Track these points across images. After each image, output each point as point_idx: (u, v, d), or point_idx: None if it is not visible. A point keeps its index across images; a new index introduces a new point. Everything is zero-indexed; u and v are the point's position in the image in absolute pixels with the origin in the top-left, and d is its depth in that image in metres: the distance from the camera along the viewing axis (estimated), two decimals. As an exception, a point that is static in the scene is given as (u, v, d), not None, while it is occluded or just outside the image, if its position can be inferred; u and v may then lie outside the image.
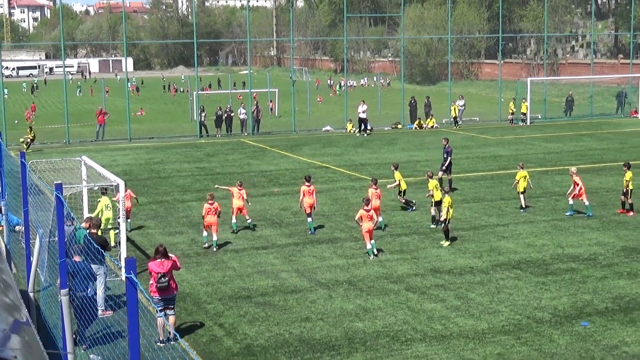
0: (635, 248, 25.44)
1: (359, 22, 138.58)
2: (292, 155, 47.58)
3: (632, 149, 47.58)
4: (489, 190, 35.17)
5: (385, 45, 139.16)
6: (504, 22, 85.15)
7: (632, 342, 17.74)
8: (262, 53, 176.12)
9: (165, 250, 17.98)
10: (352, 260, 24.62)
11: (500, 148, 48.39)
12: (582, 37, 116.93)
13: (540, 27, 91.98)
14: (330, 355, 17.33)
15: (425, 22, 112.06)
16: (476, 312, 19.76)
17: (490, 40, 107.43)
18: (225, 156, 47.25)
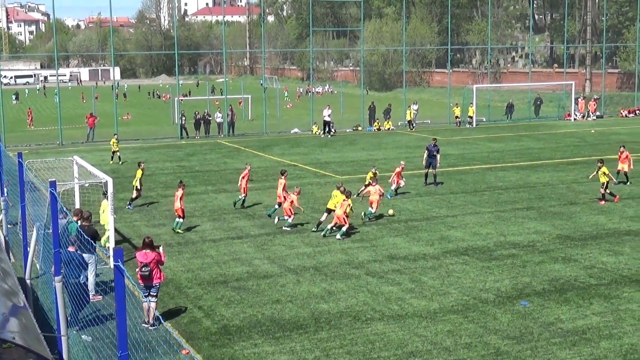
0: (569, 236, 25.63)
1: (324, 35, 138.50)
2: (263, 154, 47.47)
3: (565, 147, 47.98)
4: (439, 185, 35.28)
5: (347, 56, 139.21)
6: (452, 35, 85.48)
7: (566, 319, 17.88)
8: (236, 63, 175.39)
9: (151, 242, 17.76)
10: (318, 248, 24.60)
11: (449, 147, 48.55)
12: (521, 49, 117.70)
13: (485, 40, 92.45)
14: (299, 333, 17.31)
15: (382, 35, 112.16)
16: (428, 294, 19.82)
17: (440, 51, 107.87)
18: (204, 156, 47.04)
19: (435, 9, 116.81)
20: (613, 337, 16.76)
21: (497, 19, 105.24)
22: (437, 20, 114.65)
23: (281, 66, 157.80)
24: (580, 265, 22.17)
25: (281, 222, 27.49)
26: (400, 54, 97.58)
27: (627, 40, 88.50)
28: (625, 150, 34.92)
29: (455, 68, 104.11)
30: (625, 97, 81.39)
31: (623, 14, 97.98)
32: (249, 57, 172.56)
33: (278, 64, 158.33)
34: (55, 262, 14.69)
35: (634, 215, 28.39)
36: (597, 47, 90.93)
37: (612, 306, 18.67)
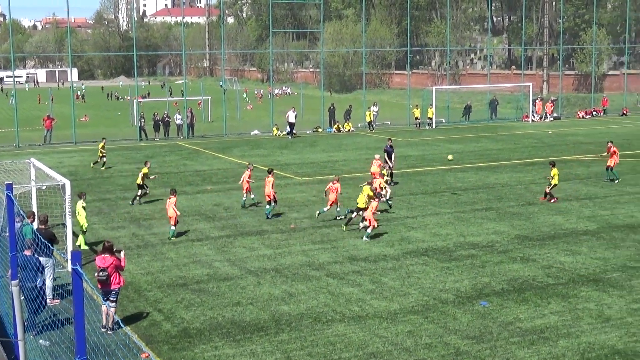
0: (527, 236, 25.90)
1: (284, 37, 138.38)
2: (223, 156, 47.31)
3: (523, 148, 48.47)
4: (399, 187, 35.44)
5: (307, 58, 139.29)
6: (411, 37, 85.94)
7: (524, 318, 18.05)
8: (196, 64, 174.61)
9: (111, 247, 17.54)
10: (279, 250, 24.57)
11: (409, 149, 48.82)
12: (479, 51, 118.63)
13: (444, 42, 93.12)
14: (259, 335, 17.27)
15: (342, 37, 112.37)
16: (389, 295, 19.89)
17: (400, 53, 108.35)
18: (163, 157, 46.74)
19: (395, 11, 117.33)
20: (571, 335, 16.96)
21: (455, 21, 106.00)
22: (397, 22, 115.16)
23: (241, 68, 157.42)
24: (538, 265, 22.40)
25: (341, 211, 28.70)
26: (360, 55, 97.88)
27: (584, 42, 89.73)
28: (612, 145, 35.85)
29: (414, 70, 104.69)
30: (582, 98, 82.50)
31: (580, 16, 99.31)
32: (208, 59, 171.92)
33: (238, 65, 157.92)
34: (11, 266, 14.49)
35: (591, 216, 28.78)
36: (554, 49, 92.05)
37: (570, 305, 18.89)
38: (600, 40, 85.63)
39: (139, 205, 32.03)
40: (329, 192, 28.49)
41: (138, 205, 31.84)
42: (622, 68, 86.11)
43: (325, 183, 36.28)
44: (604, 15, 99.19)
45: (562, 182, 35.17)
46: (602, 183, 35.30)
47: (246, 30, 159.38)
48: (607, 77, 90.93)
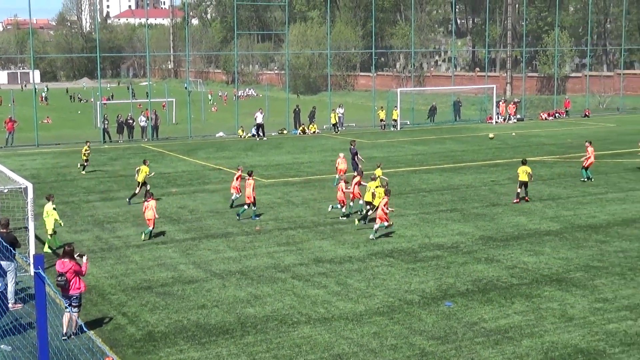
0: (492, 237, 26.10)
1: (248, 39, 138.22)
2: (188, 158, 47.11)
3: (487, 150, 48.81)
4: (363, 188, 35.48)
5: (272, 59, 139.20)
6: (376, 39, 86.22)
7: (489, 318, 18.18)
8: (160, 66, 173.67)
9: (71, 252, 17.34)
10: (244, 252, 24.52)
11: (374, 150, 48.96)
12: (444, 53, 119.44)
13: (408, 44, 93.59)
14: (225, 338, 17.22)
15: (307, 39, 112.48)
16: (354, 297, 19.93)
17: (365, 55, 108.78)
18: (127, 160, 46.42)
19: (360, 13, 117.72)
20: (534, 335, 17.11)
21: (420, 23, 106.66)
22: (362, 24, 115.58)
23: (206, 69, 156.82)
24: (502, 266, 22.58)
25: (335, 211, 29.35)
26: (325, 57, 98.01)
27: (547, 45, 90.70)
28: (590, 145, 36.53)
29: (379, 72, 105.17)
30: (545, 100, 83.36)
31: (542, 18, 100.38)
32: (172, 60, 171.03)
33: (202, 67, 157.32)
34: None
35: (554, 216, 29.06)
36: (518, 51, 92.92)
37: (534, 305, 19.07)
38: (562, 42, 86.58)
39: (129, 205, 32.26)
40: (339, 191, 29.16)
41: (94, 210, 31.58)
42: (584, 70, 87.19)
43: (291, 185, 36.35)
44: (566, 18, 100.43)
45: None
46: (565, 184, 35.66)
47: (211, 32, 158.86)
48: (569, 79, 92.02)
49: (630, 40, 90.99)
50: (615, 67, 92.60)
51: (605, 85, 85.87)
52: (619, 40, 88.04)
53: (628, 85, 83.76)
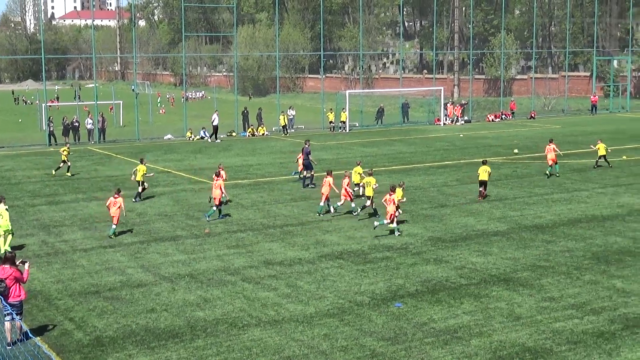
0: (440, 238, 26.30)
1: (196, 41, 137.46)
2: (136, 161, 46.50)
3: (435, 151, 49.21)
4: (314, 190, 35.56)
5: (220, 61, 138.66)
6: (325, 41, 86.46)
7: (438, 319, 18.32)
8: (107, 68, 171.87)
9: (12, 258, 17.05)
10: (193, 255, 24.36)
11: (323, 152, 49.02)
12: (392, 55, 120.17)
13: (356, 46, 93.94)
14: (174, 342, 17.08)
15: (256, 41, 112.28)
16: (305, 299, 19.93)
17: (313, 57, 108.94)
18: (74, 163, 45.67)
19: (308, 15, 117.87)
20: (483, 334, 17.29)
21: (368, 26, 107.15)
22: (310, 27, 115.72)
23: (153, 71, 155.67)
24: (451, 266, 22.78)
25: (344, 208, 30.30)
26: (273, 59, 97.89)
27: (493, 47, 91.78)
28: (552, 143, 38.15)
29: (328, 74, 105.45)
30: (492, 102, 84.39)
31: (489, 21, 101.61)
32: (119, 62, 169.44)
33: (150, 69, 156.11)
34: None
35: (501, 217, 29.40)
36: (465, 53, 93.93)
37: (482, 305, 19.26)
38: (508, 45, 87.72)
39: (141, 202, 33.13)
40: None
41: (39, 214, 31.13)
42: (530, 72, 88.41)
43: (240, 187, 36.23)
44: (512, 21, 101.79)
45: (473, 184, 35.90)
46: (512, 185, 36.09)
47: (158, 33, 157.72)
48: (515, 81, 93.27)
49: (574, 43, 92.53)
50: (560, 70, 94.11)
51: (551, 87, 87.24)
52: (563, 43, 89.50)
53: (572, 88, 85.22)
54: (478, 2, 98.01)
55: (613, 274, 21.72)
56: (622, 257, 23.49)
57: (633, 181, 36.74)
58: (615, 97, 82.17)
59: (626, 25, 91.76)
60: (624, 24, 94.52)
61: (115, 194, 27.38)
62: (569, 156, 44.16)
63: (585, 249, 24.56)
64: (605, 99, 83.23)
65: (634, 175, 38.31)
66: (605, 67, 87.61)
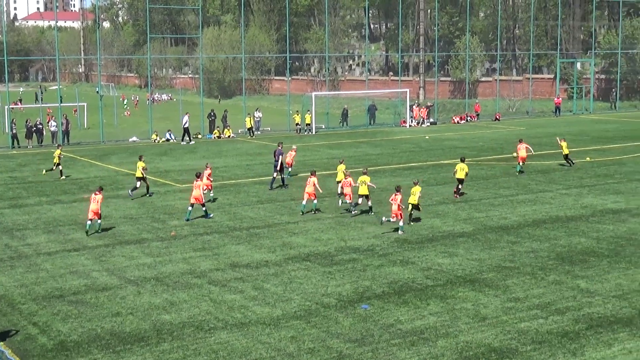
0: (406, 239, 26.40)
1: (162, 42, 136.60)
2: (100, 164, 46.29)
3: (402, 153, 49.40)
4: (280, 192, 35.54)
5: (186, 63, 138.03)
6: (290, 43, 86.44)
7: (405, 320, 18.39)
8: (70, 70, 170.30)
9: None
10: (159, 258, 24.23)
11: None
12: (358, 57, 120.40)
13: (322, 48, 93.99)
14: (140, 346, 16.97)
15: (221, 43, 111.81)
16: (271, 301, 19.90)
17: (279, 59, 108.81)
18: (37, 166, 45.31)
19: (274, 17, 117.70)
20: (449, 335, 17.39)
21: (334, 28, 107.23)
22: (276, 29, 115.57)
23: (118, 73, 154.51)
24: (417, 267, 22.88)
25: (345, 205, 31.37)
26: (239, 61, 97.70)
27: (458, 50, 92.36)
28: (523, 142, 39.89)
29: (294, 76, 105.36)
30: (457, 104, 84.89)
31: (454, 24, 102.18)
32: (83, 64, 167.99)
33: (115, 71, 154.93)
34: None
35: (467, 218, 29.59)
36: (430, 55, 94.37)
37: (448, 306, 19.37)
38: (473, 47, 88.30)
39: (149, 197, 34.64)
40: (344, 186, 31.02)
41: (2, 217, 30.79)
42: (495, 74, 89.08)
43: (219, 189, 36.06)
44: (476, 24, 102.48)
45: (438, 186, 36.15)
46: (477, 186, 36.32)
47: (123, 35, 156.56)
48: (480, 83, 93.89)
49: (538, 46, 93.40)
50: (524, 72, 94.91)
51: (515, 89, 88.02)
52: (527, 45, 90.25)
53: (536, 90, 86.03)
54: (443, 5, 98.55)
55: (577, 274, 21.96)
56: (586, 258, 23.75)
57: (596, 182, 37.17)
58: (579, 99, 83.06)
59: (589, 28, 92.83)
60: (587, 27, 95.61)
61: (97, 191, 27.90)
62: (533, 158, 44.52)
63: (550, 249, 24.81)
64: (568, 101, 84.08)
65: (597, 177, 38.77)
66: (569, 69, 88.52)
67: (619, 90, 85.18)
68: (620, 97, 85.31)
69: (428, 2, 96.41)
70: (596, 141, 54.24)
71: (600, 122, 69.65)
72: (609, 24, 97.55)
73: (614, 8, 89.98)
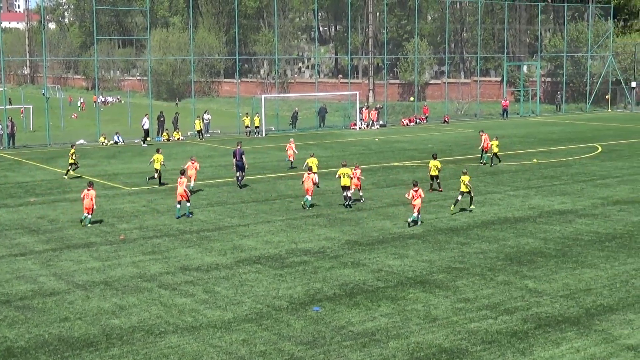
0: (357, 241, 26.49)
1: (109, 44, 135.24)
2: (47, 167, 45.62)
3: (351, 155, 49.49)
4: (230, 195, 35.41)
5: (134, 65, 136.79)
6: (240, 45, 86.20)
7: (356, 322, 18.44)
8: (15, 72, 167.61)
9: None
10: (108, 262, 23.95)
11: (239, 157, 48.71)
12: (307, 60, 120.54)
13: (272, 51, 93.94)
14: (89, 351, 16.75)
15: (170, 45, 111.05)
16: (222, 304, 19.81)
17: (229, 61, 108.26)
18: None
19: (223, 19, 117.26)
20: (400, 336, 17.48)
21: (283, 30, 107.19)
22: (225, 31, 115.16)
23: (64, 75, 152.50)
24: (368, 269, 22.96)
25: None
26: (188, 63, 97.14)
27: (407, 52, 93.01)
28: (484, 133, 44.33)
29: (243, 78, 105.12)
30: (406, 106, 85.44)
31: (402, 27, 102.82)
32: (29, 66, 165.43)
33: (61, 72, 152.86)
34: None
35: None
36: (379, 58, 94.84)
37: (399, 307, 19.47)
38: (422, 50, 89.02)
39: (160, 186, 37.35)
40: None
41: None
42: (443, 77, 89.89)
43: (155, 193, 35.82)
44: (425, 27, 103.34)
45: (389, 188, 36.36)
46: (427, 188, 36.53)
47: (69, 36, 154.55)
48: (429, 85, 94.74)
49: (485, 49, 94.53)
50: (472, 75, 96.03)
51: (463, 92, 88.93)
52: (475, 48, 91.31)
53: (484, 92, 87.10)
54: (392, 8, 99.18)
55: (525, 275, 22.24)
56: (533, 258, 24.07)
57: (543, 184, 37.71)
58: (526, 101, 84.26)
59: (535, 32, 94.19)
60: (533, 30, 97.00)
61: (88, 186, 29.10)
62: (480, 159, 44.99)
63: (499, 250, 25.09)
64: (515, 103, 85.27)
65: (544, 178, 39.33)
66: (516, 72, 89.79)
67: (565, 93, 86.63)
68: (565, 100, 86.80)
69: (377, 5, 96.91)
70: (543, 143, 55.04)
71: (546, 125, 70.70)
72: (555, 28, 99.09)
73: (559, 12, 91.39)
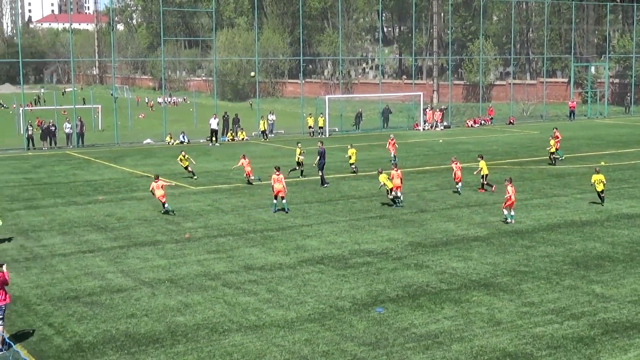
0: (420, 243, 26.36)
1: (175, 45, 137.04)
2: (115, 165, 46.44)
3: (415, 157, 49.35)
4: (294, 195, 35.51)
5: (200, 66, 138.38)
6: (304, 46, 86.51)
7: (419, 324, 18.35)
8: (85, 72, 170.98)
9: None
10: (173, 260, 24.27)
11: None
12: (371, 60, 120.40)
13: (336, 52, 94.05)
14: (155, 347, 17.00)
15: (235, 45, 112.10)
16: (285, 304, 19.90)
17: (293, 62, 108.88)
18: (52, 167, 45.55)
19: (287, 20, 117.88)
20: (464, 339, 17.33)
21: (347, 31, 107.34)
22: (289, 32, 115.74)
23: (132, 75, 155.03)
24: (431, 271, 22.83)
25: None
26: (253, 64, 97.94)
27: (472, 53, 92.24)
28: (557, 131, 44.49)
29: (307, 79, 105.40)
30: (471, 107, 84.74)
31: (467, 27, 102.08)
32: (98, 66, 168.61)
33: (129, 73, 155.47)
34: None
35: (481, 222, 29.51)
36: (444, 59, 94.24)
37: (463, 310, 19.32)
38: (487, 51, 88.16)
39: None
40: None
41: (17, 218, 30.91)
42: (508, 78, 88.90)
43: (220, 192, 36.15)
44: (490, 27, 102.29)
45: (453, 189, 36.02)
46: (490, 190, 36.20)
47: (137, 37, 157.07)
48: (494, 87, 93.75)
49: (552, 50, 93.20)
50: (538, 76, 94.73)
51: (529, 93, 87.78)
52: (541, 49, 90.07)
53: (550, 93, 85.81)
54: (456, 8, 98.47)
55: (592, 279, 21.86)
56: (601, 262, 23.65)
57: (611, 187, 36.99)
58: (593, 103, 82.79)
59: (603, 32, 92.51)
60: (601, 31, 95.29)
61: (155, 179, 31.14)
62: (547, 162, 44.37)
63: (565, 254, 24.70)
64: (583, 105, 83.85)
65: (612, 181, 38.58)
66: (583, 73, 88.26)
67: (634, 95, 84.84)
68: (635, 102, 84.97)
69: (441, 6, 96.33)
70: (611, 145, 54.03)
71: (614, 127, 69.37)
72: (623, 28, 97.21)
73: (628, 12, 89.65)
